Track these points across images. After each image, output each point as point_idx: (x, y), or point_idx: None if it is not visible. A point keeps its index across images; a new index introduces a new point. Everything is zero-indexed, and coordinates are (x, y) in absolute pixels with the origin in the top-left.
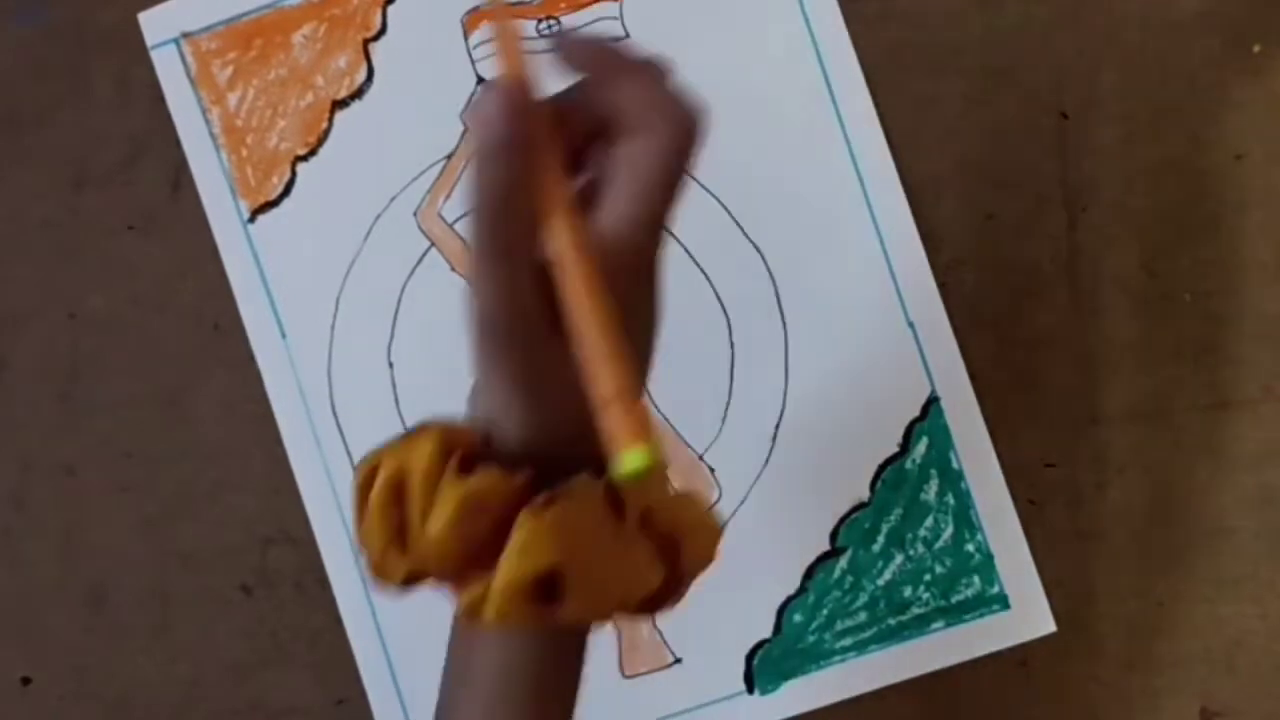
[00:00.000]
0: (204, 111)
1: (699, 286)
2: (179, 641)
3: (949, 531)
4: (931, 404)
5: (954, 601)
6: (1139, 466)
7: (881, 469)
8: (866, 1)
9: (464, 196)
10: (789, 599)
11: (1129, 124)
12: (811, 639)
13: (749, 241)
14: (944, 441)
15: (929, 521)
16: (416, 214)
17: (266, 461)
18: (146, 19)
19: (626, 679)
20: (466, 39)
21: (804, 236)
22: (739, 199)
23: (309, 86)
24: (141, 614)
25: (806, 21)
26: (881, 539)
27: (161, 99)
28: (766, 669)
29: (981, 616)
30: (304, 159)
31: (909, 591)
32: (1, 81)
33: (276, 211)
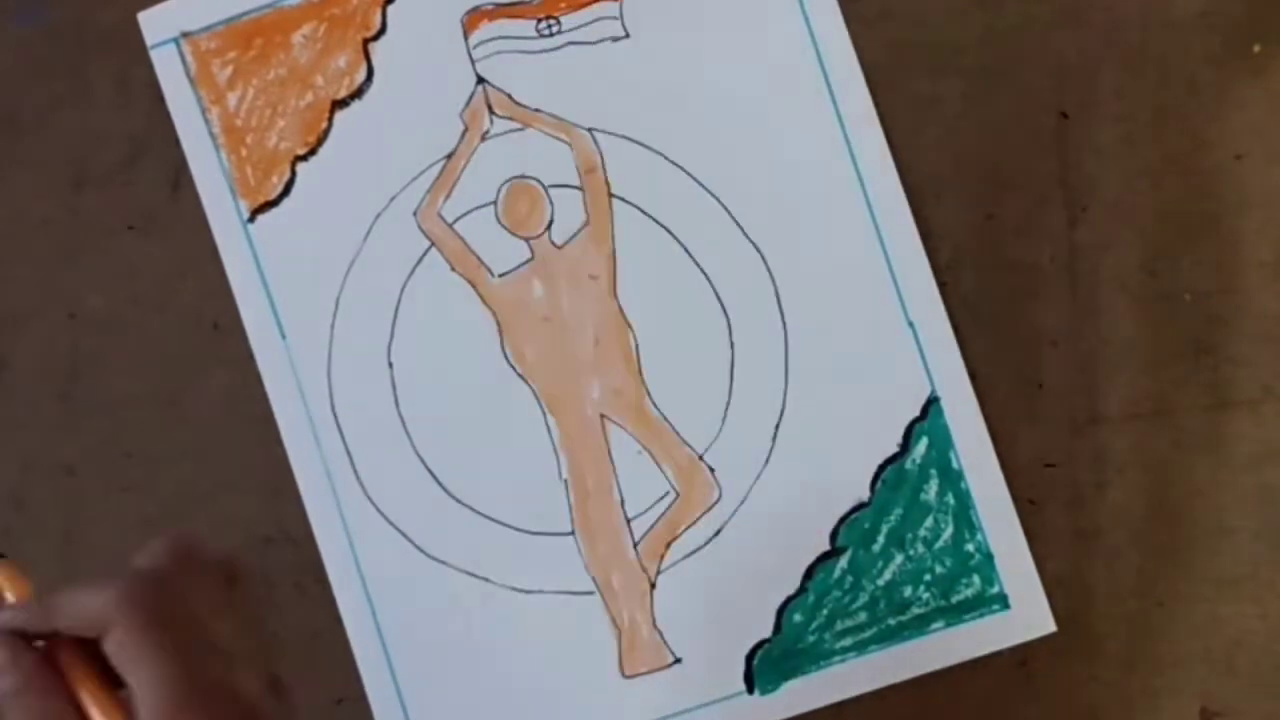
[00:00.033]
0: (204, 111)
1: (699, 286)
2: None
3: (949, 531)
4: (931, 404)
5: (954, 601)
6: (1139, 466)
7: (881, 469)
8: (866, 1)
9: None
10: (789, 599)
11: (1129, 124)
12: (811, 639)
13: (749, 241)
14: (944, 441)
15: (929, 521)
16: (416, 214)
17: (266, 461)
18: (146, 19)
19: (626, 679)
20: (466, 39)
21: (804, 237)
22: (739, 199)
23: (309, 86)
24: None
25: (806, 21)
26: (881, 539)
27: (161, 99)
28: (766, 669)
29: (981, 616)
30: (304, 159)
31: (909, 591)
32: (1, 81)
33: (276, 211)
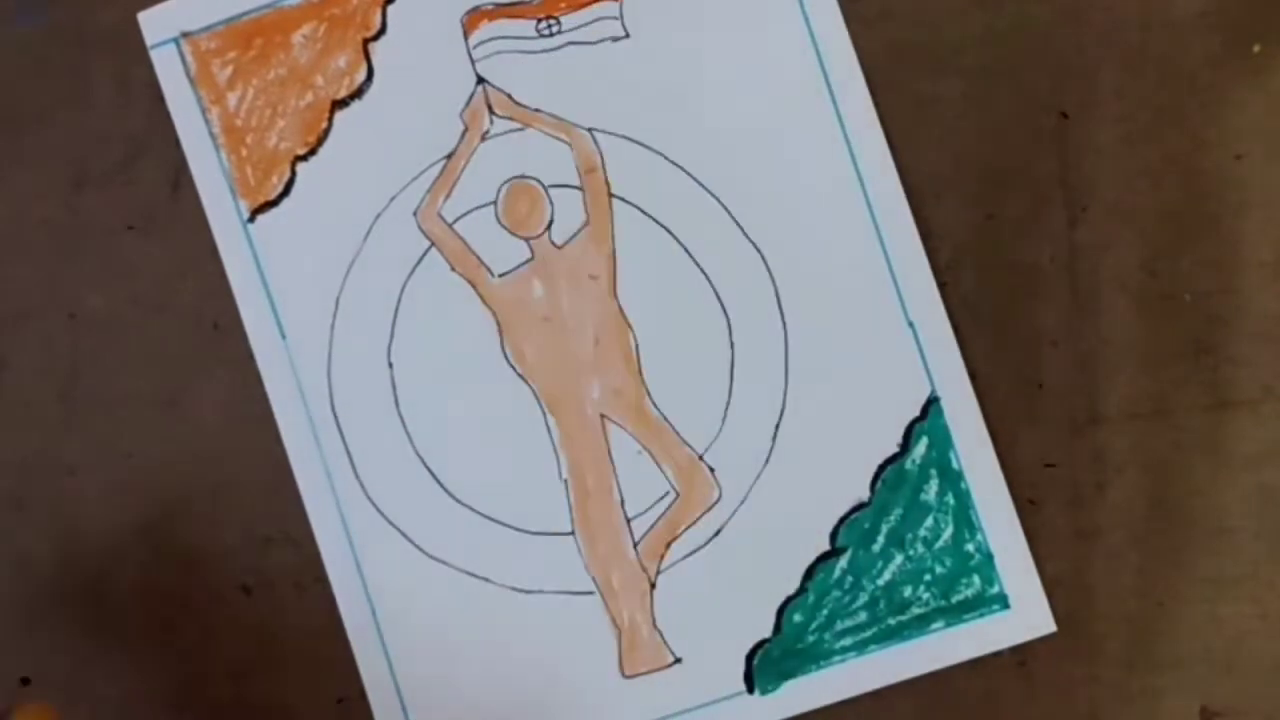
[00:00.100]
0: (204, 111)
1: (699, 286)
2: (179, 641)
3: (949, 531)
4: (931, 404)
5: (954, 601)
6: (1139, 466)
7: (881, 469)
8: (866, 1)
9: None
10: (789, 599)
11: (1129, 124)
12: (811, 639)
13: (749, 241)
14: (944, 441)
15: (929, 521)
16: (416, 214)
17: (266, 461)
18: (146, 19)
19: (626, 679)
20: (466, 39)
21: (804, 236)
22: (739, 199)
23: (309, 86)
24: (141, 614)
25: (806, 21)
26: (881, 539)
27: (161, 99)
28: (766, 669)
29: (981, 616)
30: (304, 159)
31: (909, 591)
32: (1, 81)
33: (276, 211)
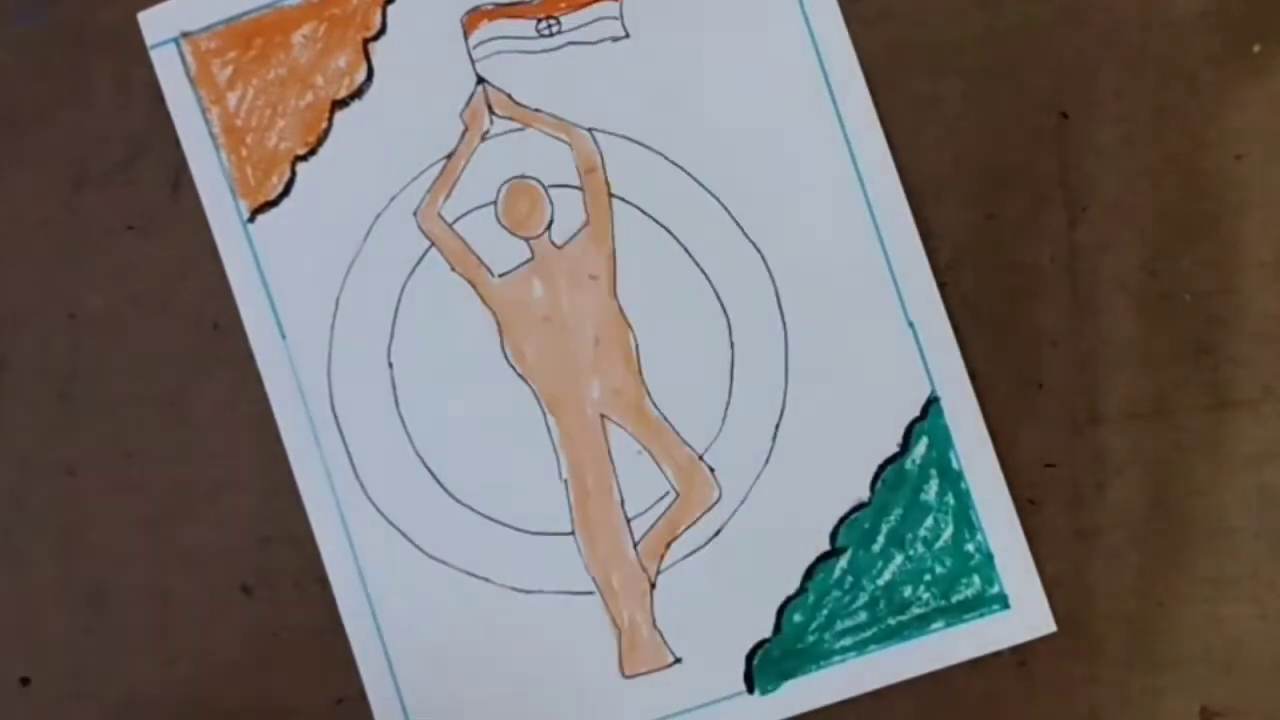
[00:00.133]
0: (204, 111)
1: (699, 286)
2: (179, 641)
3: (949, 531)
4: (931, 404)
5: (954, 601)
6: (1139, 466)
7: (881, 469)
8: (866, 1)
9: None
10: (789, 599)
11: (1129, 124)
12: (811, 639)
13: (749, 241)
14: (944, 441)
15: (929, 521)
16: (416, 214)
17: (266, 461)
18: (146, 19)
19: (626, 679)
20: (466, 39)
21: (804, 237)
22: (739, 199)
23: (309, 86)
24: (141, 614)
25: (806, 21)
26: (881, 539)
27: (161, 99)
28: (766, 669)
29: (981, 616)
30: (304, 159)
31: (909, 591)
32: (1, 81)
33: (276, 211)
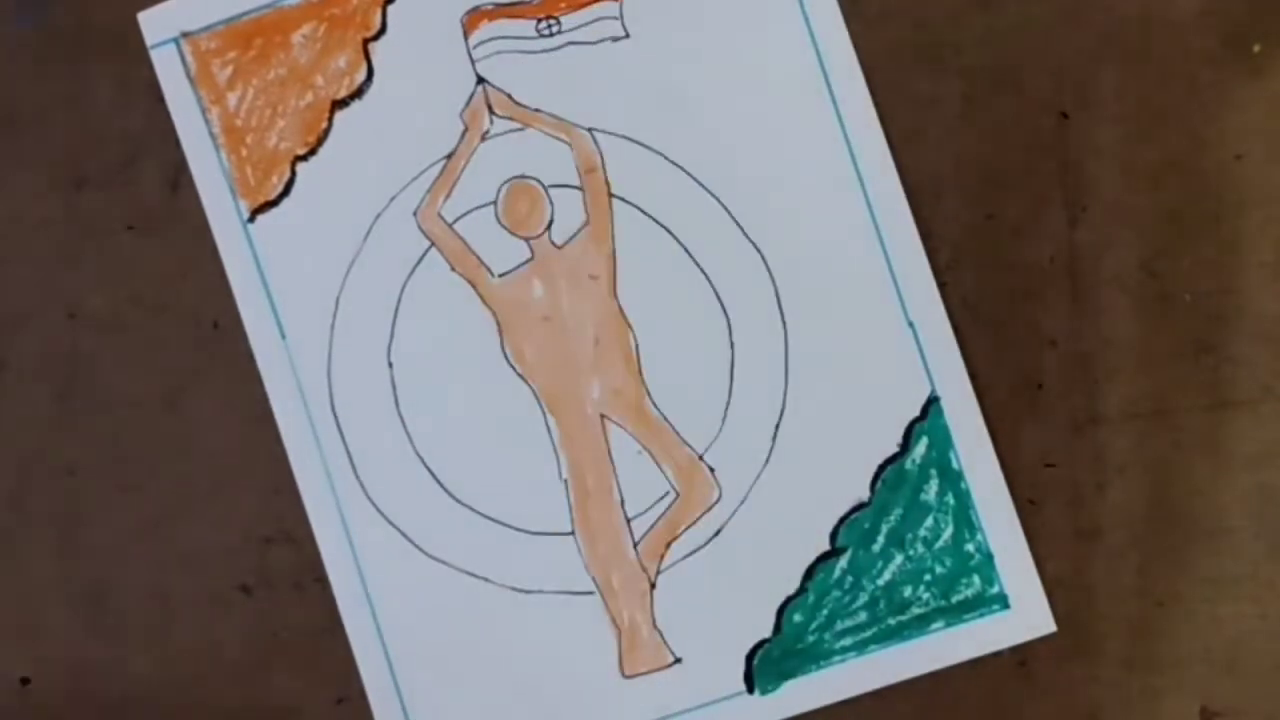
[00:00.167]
0: (204, 111)
1: (699, 286)
2: (179, 641)
3: (949, 531)
4: (931, 404)
5: (954, 601)
6: (1139, 466)
7: (881, 469)
8: (866, 1)
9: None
10: (789, 599)
11: (1129, 124)
12: (811, 639)
13: (749, 241)
14: (944, 441)
15: (929, 521)
16: (416, 214)
17: (266, 461)
18: (146, 19)
19: (626, 679)
20: (466, 39)
21: (804, 236)
22: (739, 199)
23: (309, 86)
24: (141, 614)
25: (806, 21)
26: (881, 539)
27: (161, 99)
28: (766, 669)
29: (981, 616)
30: (304, 159)
31: (909, 591)
32: (1, 82)
33: (276, 211)
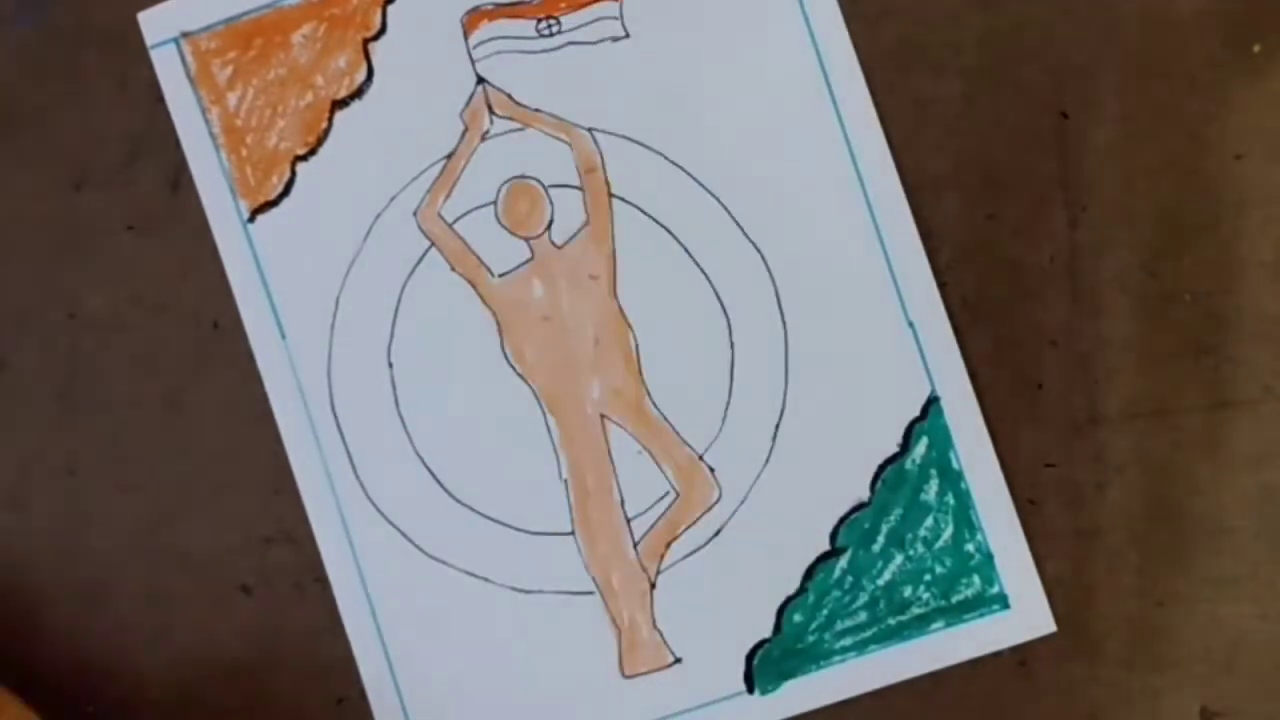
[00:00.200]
0: (204, 111)
1: (699, 286)
2: (179, 641)
3: (949, 531)
4: (931, 404)
5: (954, 601)
6: (1139, 466)
7: (881, 469)
8: (866, 1)
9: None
10: (789, 599)
11: (1129, 124)
12: (811, 639)
13: (749, 241)
14: (944, 441)
15: (929, 521)
16: (416, 214)
17: (266, 461)
18: (146, 19)
19: (626, 679)
20: (466, 39)
21: (804, 236)
22: (739, 199)
23: (309, 86)
24: (141, 614)
25: (806, 21)
26: (881, 539)
27: (161, 99)
28: (766, 669)
29: (981, 616)
30: (304, 159)
31: (909, 591)
32: (1, 81)
33: (276, 211)
